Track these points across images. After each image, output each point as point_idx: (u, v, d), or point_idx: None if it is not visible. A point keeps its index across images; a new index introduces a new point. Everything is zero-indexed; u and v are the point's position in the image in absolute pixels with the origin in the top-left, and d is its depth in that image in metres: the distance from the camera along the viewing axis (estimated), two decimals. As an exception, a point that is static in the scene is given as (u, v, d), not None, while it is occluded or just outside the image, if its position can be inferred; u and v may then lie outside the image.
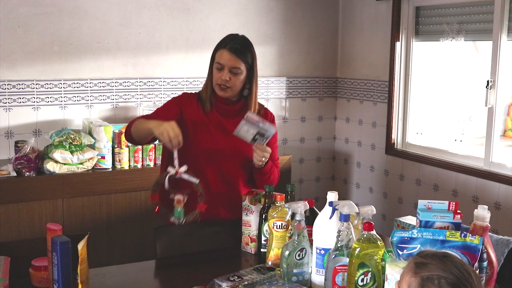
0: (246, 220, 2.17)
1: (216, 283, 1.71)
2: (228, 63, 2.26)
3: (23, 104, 3.44)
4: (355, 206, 1.71)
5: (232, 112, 2.35)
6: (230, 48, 2.27)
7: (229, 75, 2.26)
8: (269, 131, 2.20)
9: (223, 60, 2.26)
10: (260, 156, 2.24)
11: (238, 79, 2.29)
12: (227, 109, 2.35)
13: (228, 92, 2.30)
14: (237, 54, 2.27)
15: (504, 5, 3.25)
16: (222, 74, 2.26)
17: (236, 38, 2.32)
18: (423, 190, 3.83)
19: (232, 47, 2.27)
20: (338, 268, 1.66)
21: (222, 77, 2.26)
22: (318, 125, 4.51)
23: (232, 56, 2.26)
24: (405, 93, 4.02)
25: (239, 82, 2.30)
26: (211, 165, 2.30)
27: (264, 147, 2.23)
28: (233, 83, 2.28)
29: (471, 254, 1.52)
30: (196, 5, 3.88)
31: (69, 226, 3.05)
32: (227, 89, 2.29)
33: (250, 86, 2.35)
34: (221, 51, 2.28)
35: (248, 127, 2.18)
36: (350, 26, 4.38)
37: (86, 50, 3.57)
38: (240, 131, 2.19)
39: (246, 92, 2.36)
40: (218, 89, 2.30)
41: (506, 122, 4.25)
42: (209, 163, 2.30)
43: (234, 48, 2.27)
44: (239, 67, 2.27)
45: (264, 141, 2.22)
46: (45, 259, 1.77)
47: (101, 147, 3.27)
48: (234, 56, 2.26)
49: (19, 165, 3.05)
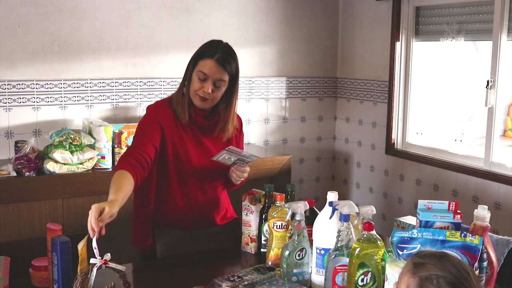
0: (246, 220, 2.17)
1: (216, 283, 1.72)
2: (214, 75, 2.09)
3: (23, 104, 3.44)
4: (355, 206, 1.72)
5: (209, 126, 2.21)
6: (218, 59, 2.09)
7: (212, 88, 2.10)
8: (250, 158, 2.14)
9: (209, 71, 2.09)
10: (239, 177, 2.19)
11: (220, 92, 2.14)
12: (205, 124, 2.20)
13: (207, 103, 2.15)
14: (224, 66, 2.10)
15: (504, 5, 3.25)
16: (205, 85, 2.09)
17: (222, 47, 2.14)
18: (423, 190, 3.83)
19: (220, 57, 2.09)
20: (338, 268, 1.66)
21: (205, 89, 2.09)
22: (318, 125, 4.51)
23: (220, 68, 2.09)
24: (405, 93, 4.02)
25: (220, 95, 2.15)
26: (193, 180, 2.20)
27: (243, 168, 2.18)
28: (215, 96, 2.13)
29: (471, 254, 1.52)
30: (196, 5, 3.88)
31: (69, 226, 3.05)
32: (207, 100, 2.13)
33: (230, 100, 2.19)
34: (207, 60, 2.09)
35: (229, 156, 2.10)
36: (350, 26, 4.38)
37: (86, 50, 3.57)
38: (219, 158, 2.10)
39: (222, 106, 2.20)
40: (198, 99, 2.13)
41: (506, 122, 4.25)
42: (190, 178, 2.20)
43: (221, 58, 2.09)
44: (224, 80, 2.12)
45: (243, 164, 2.17)
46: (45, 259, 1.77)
47: (101, 147, 3.27)
48: (222, 69, 2.09)
49: (19, 165, 3.05)
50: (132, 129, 3.42)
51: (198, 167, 2.18)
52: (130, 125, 3.45)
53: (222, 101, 2.20)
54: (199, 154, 2.19)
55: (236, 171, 2.17)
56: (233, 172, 2.18)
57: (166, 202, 2.20)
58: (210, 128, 2.22)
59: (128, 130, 3.39)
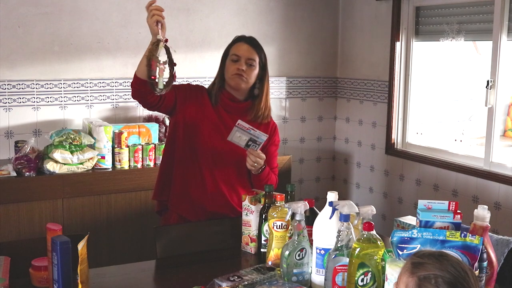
0: (246, 220, 2.17)
1: (216, 283, 1.72)
2: (245, 53, 2.29)
3: (23, 104, 3.44)
4: (355, 206, 1.72)
5: (237, 110, 2.35)
6: (247, 41, 2.33)
7: (245, 66, 2.28)
8: (260, 138, 2.22)
9: (240, 51, 2.29)
10: (252, 161, 2.24)
11: (253, 72, 2.31)
12: (233, 106, 2.35)
13: (243, 82, 2.30)
14: (254, 47, 2.32)
15: (504, 5, 3.25)
16: (239, 64, 2.28)
17: (249, 36, 2.38)
18: (423, 190, 3.83)
19: (248, 39, 2.34)
20: (338, 268, 1.66)
21: (239, 66, 2.27)
22: (318, 125, 4.51)
23: (250, 47, 2.31)
24: (405, 93, 4.02)
25: (253, 75, 2.31)
26: (207, 163, 2.31)
27: (257, 152, 2.24)
28: (249, 75, 2.30)
29: (471, 254, 1.52)
30: (196, 5, 3.88)
31: (69, 226, 3.05)
32: (243, 78, 2.29)
33: (261, 86, 2.36)
34: (238, 44, 2.33)
35: (240, 134, 2.20)
36: (350, 26, 4.38)
37: (86, 50, 3.57)
38: (233, 137, 2.21)
39: (256, 92, 2.37)
40: (235, 77, 2.29)
41: (506, 122, 4.25)
42: (205, 161, 2.31)
43: (250, 40, 2.34)
44: (255, 60, 2.30)
45: (257, 147, 2.23)
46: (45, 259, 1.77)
47: (101, 147, 3.27)
48: (251, 48, 2.31)
49: (19, 165, 3.05)
50: (132, 129, 3.42)
51: (211, 148, 2.29)
52: (130, 125, 3.46)
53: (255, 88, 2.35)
54: (218, 137, 2.29)
55: (250, 155, 2.23)
56: (248, 156, 2.23)
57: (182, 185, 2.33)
58: (239, 112, 2.34)
59: (128, 130, 3.39)
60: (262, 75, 2.35)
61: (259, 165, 2.26)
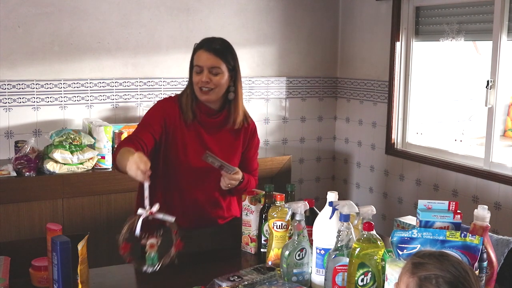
0: (246, 220, 2.17)
1: (216, 283, 1.72)
2: (207, 63, 2.12)
3: (23, 104, 3.44)
4: (355, 206, 1.72)
5: (215, 125, 2.22)
6: (207, 48, 2.14)
7: (209, 76, 2.12)
8: (228, 167, 2.11)
9: (201, 61, 2.13)
10: (226, 183, 2.15)
11: (220, 79, 2.14)
12: (210, 122, 2.21)
13: (211, 95, 2.15)
14: (216, 53, 2.13)
15: (504, 5, 3.25)
16: (202, 76, 2.13)
17: (214, 40, 2.20)
18: (423, 190, 3.83)
19: (209, 46, 2.15)
20: (338, 268, 1.66)
21: (202, 79, 2.12)
22: (318, 125, 4.51)
23: (210, 55, 2.13)
24: (405, 93, 4.02)
25: (222, 83, 2.15)
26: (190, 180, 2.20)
27: (231, 176, 2.14)
28: (216, 83, 2.13)
29: (471, 254, 1.52)
30: (196, 5, 3.88)
31: (69, 226, 3.05)
32: (210, 91, 2.14)
33: (235, 89, 2.20)
34: (198, 52, 2.16)
35: (212, 159, 2.08)
36: (350, 26, 4.38)
37: (86, 50, 3.57)
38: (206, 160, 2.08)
39: (231, 96, 2.20)
40: (200, 93, 2.15)
41: (506, 122, 4.25)
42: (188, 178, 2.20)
43: (211, 47, 2.14)
44: (219, 67, 2.13)
45: (230, 171, 2.13)
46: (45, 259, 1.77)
47: (101, 147, 3.26)
48: (212, 55, 2.13)
49: (19, 165, 3.05)
50: (132, 129, 3.41)
51: (195, 167, 2.18)
52: (130, 125, 3.45)
53: (229, 91, 2.20)
54: (199, 155, 2.17)
55: (225, 177, 2.14)
56: (222, 177, 2.15)
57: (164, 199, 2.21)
58: (216, 127, 2.22)
59: (128, 130, 3.38)
60: (234, 77, 2.19)
61: (233, 185, 2.17)
